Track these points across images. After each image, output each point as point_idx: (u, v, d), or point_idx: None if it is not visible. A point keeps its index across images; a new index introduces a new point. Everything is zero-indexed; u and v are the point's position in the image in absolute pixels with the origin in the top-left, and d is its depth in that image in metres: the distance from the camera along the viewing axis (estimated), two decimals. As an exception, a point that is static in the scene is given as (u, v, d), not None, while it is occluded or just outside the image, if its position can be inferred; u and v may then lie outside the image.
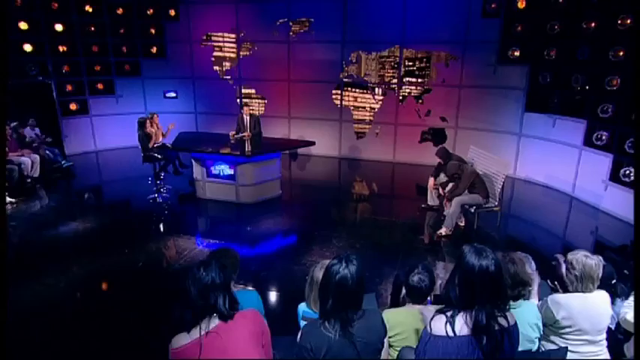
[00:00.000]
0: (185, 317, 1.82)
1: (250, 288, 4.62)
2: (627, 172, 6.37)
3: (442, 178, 6.66)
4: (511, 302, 2.24)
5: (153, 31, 10.46)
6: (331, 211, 7.14)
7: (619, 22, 6.36)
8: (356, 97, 10.17)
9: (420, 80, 9.56)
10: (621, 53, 6.37)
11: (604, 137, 6.77)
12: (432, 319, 1.81)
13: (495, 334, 1.69)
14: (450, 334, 1.73)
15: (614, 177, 6.60)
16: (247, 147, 7.32)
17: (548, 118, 7.85)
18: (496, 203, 6.12)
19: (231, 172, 6.94)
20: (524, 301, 2.29)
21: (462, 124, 9.09)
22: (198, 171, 7.13)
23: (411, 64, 9.78)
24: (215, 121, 10.44)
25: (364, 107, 10.13)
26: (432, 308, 2.26)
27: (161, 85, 10.79)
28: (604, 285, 2.47)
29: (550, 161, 7.90)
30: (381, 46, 9.46)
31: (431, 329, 1.78)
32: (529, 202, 7.53)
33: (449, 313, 1.77)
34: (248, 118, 8.09)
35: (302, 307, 2.46)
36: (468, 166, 6.19)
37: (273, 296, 4.63)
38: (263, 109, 10.66)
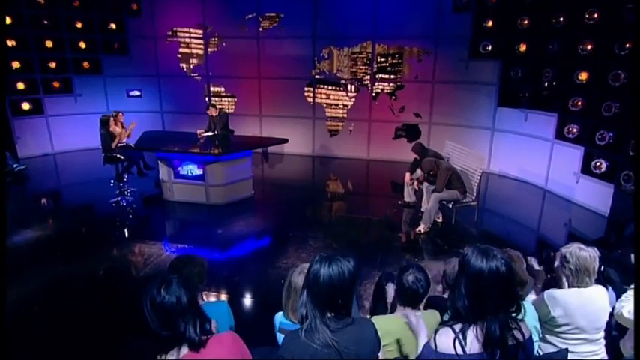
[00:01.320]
0: (146, 352, 1.50)
1: (223, 297, 4.34)
2: (598, 164, 6.44)
3: (418, 173, 6.58)
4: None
5: (114, 25, 9.90)
6: (306, 210, 6.93)
7: (587, 15, 6.42)
8: (328, 94, 9.99)
9: (392, 76, 9.47)
10: (589, 47, 6.43)
11: (575, 130, 6.84)
12: (436, 332, 1.59)
13: (509, 349, 1.48)
14: (460, 352, 1.51)
15: (586, 169, 6.68)
16: (216, 146, 7.00)
17: (520, 113, 7.90)
18: (473, 198, 6.08)
19: (200, 172, 6.61)
20: (521, 302, 2.12)
21: (436, 120, 9.06)
22: (164, 172, 6.74)
23: (383, 60, 9.67)
24: (182, 120, 10.00)
25: (337, 104, 9.96)
26: (419, 312, 2.07)
27: (124, 83, 10.25)
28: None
29: (523, 155, 7.95)
30: (353, 41, 9.31)
31: (436, 345, 1.56)
32: (503, 197, 7.55)
33: (457, 327, 1.54)
34: (216, 117, 7.77)
35: (279, 317, 2.21)
36: (443, 162, 6.10)
37: (247, 303, 4.36)
38: (233, 107, 10.31)
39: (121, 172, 7.06)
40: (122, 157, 6.94)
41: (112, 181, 7.15)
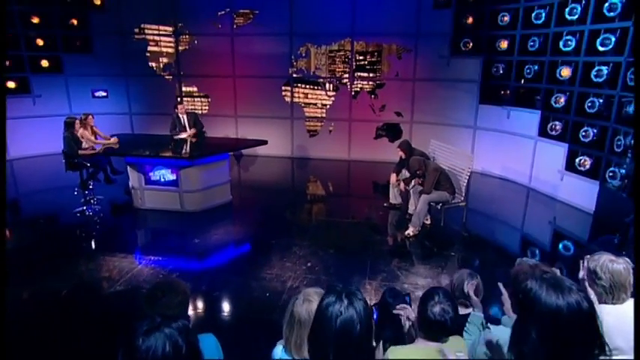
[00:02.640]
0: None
1: (202, 313, 3.96)
2: (582, 160, 6.41)
3: (404, 173, 6.38)
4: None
5: (75, 21, 9.23)
6: (288, 215, 6.62)
7: (568, 11, 6.37)
8: (306, 94, 9.69)
9: (372, 75, 9.27)
10: (571, 43, 6.38)
11: (558, 127, 6.79)
12: None
13: None
14: None
15: (570, 166, 6.64)
16: (190, 148, 6.58)
17: (502, 110, 7.84)
18: (462, 199, 5.91)
19: (173, 177, 6.18)
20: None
21: (418, 119, 8.92)
22: (134, 178, 6.26)
23: (362, 57, 9.46)
24: (153, 122, 9.45)
25: (316, 104, 9.67)
26: (453, 347, 1.77)
27: (88, 83, 9.60)
28: None
29: (506, 153, 7.89)
30: (332, 38, 9.04)
31: None
32: (488, 196, 7.45)
33: None
34: (185, 116, 7.34)
35: (278, 352, 1.86)
36: (431, 162, 5.91)
37: (229, 323, 3.98)
38: (207, 107, 9.85)
39: (85, 179, 6.51)
40: (86, 163, 6.39)
41: (77, 189, 6.58)
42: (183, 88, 9.87)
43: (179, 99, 9.61)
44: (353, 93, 9.21)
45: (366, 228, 6.00)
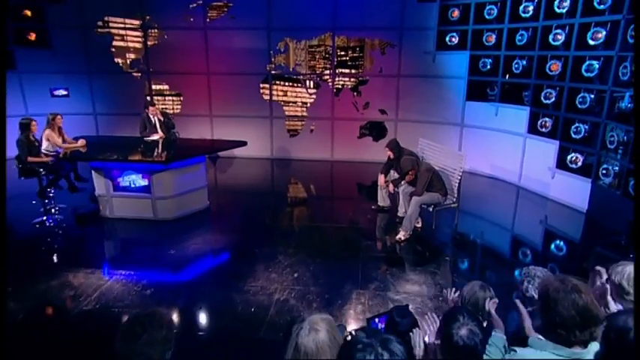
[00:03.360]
0: None
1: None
2: (574, 158, 6.44)
3: (393, 174, 6.26)
4: (580, 349, 1.67)
5: (28, 12, 8.69)
6: (271, 221, 6.42)
7: (557, 4, 6.39)
8: (286, 91, 9.47)
9: (354, 71, 9.14)
10: (560, 37, 6.41)
11: (548, 124, 6.82)
12: None
13: None
14: None
15: (561, 164, 6.67)
16: (163, 151, 6.27)
17: (490, 107, 7.84)
18: (454, 200, 5.83)
19: (145, 182, 5.86)
20: (593, 343, 1.72)
21: (403, 117, 8.84)
22: (101, 184, 5.91)
23: (343, 53, 9.32)
24: (121, 123, 9.03)
25: (296, 102, 9.47)
26: None
27: (47, 80, 9.07)
28: None
29: (494, 151, 7.89)
30: (312, 32, 8.87)
31: None
32: (477, 196, 7.40)
33: None
34: (156, 118, 7.02)
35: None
36: (423, 162, 5.81)
37: (212, 342, 3.73)
38: (179, 107, 9.49)
39: (45, 186, 6.09)
40: (41, 170, 5.96)
41: (36, 198, 6.15)
42: (153, 86, 9.47)
43: (149, 98, 9.21)
44: (335, 90, 9.05)
45: (354, 233, 5.85)
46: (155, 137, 6.92)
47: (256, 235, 5.73)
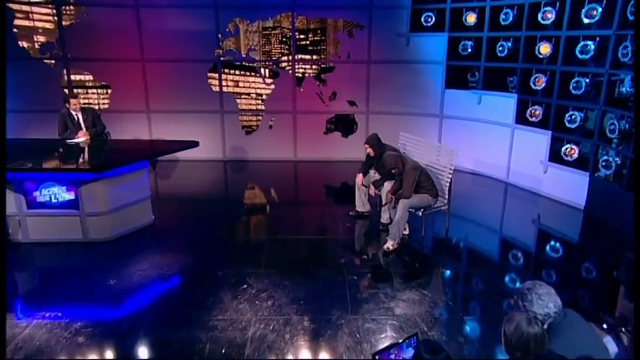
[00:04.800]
0: None
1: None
2: (569, 149, 6.47)
3: (373, 174, 6.01)
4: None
5: None
6: (232, 236, 5.97)
7: (545, -21, 6.40)
8: (237, 81, 8.99)
9: (315, 57, 8.83)
10: (550, 15, 6.41)
11: (538, 112, 6.82)
12: None
13: None
14: None
15: (555, 157, 6.69)
16: (93, 156, 5.64)
17: (472, 95, 7.80)
18: (445, 202, 5.64)
19: (70, 196, 5.21)
20: None
21: (374, 108, 8.67)
22: (10, 200, 5.16)
23: (302, 36, 9.00)
24: (33, 123, 8.11)
25: (250, 93, 9.02)
26: None
27: None
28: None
29: (478, 145, 7.84)
30: (267, 12, 8.52)
31: None
32: (464, 195, 7.25)
33: None
34: (80, 114, 6.33)
35: None
36: (408, 159, 5.56)
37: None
38: (107, 101, 8.72)
39: None
40: None
41: None
42: (72, 77, 8.64)
43: (67, 91, 8.35)
44: (296, 79, 8.68)
45: (333, 245, 5.51)
46: (80, 139, 6.20)
47: (217, 253, 5.25)
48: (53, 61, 8.47)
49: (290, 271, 4.77)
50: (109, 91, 8.74)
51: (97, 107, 8.41)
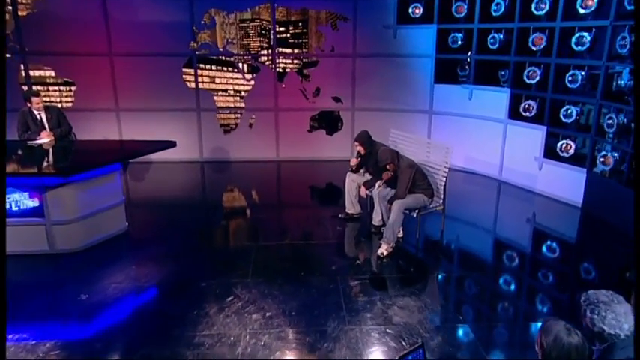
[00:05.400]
0: None
1: None
2: (565, 145, 6.50)
3: (364, 174, 5.98)
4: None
5: None
6: (215, 243, 5.81)
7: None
8: (213, 77, 8.80)
9: (297, 51, 8.71)
10: (544, 6, 6.43)
11: (532, 107, 6.84)
12: None
13: None
14: None
15: (550, 153, 6.72)
16: (59, 159, 5.41)
17: (462, 90, 7.81)
18: (440, 202, 5.60)
19: (34, 203, 4.97)
20: None
21: (360, 105, 8.61)
22: (-34, 209, 4.87)
23: (283, 29, 8.86)
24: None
25: (227, 90, 8.84)
26: None
27: None
28: None
29: (469, 142, 7.84)
30: (245, 3, 8.42)
31: None
32: (456, 195, 7.26)
33: None
34: (43, 114, 6.06)
35: None
36: (403, 157, 5.48)
37: None
38: (71, 99, 8.43)
39: None
40: None
41: None
42: (31, 72, 8.29)
43: (28, 88, 8.02)
44: (277, 74, 8.54)
45: (324, 250, 5.40)
46: (44, 140, 5.92)
47: (199, 262, 5.08)
48: (9, 55, 8.10)
49: (279, 280, 4.63)
50: (73, 88, 8.43)
51: (59, 104, 8.10)
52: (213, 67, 8.58)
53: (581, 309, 2.20)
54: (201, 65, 8.42)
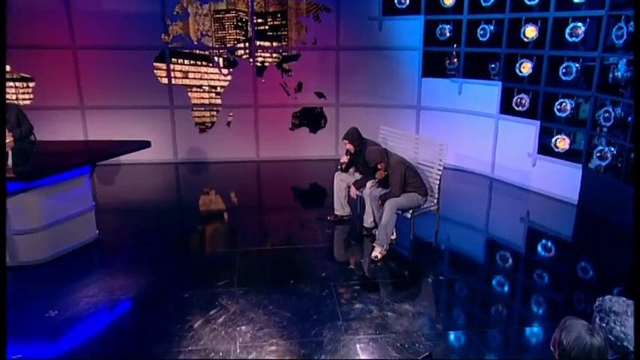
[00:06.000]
0: None
1: None
2: (559, 140, 6.55)
3: (354, 174, 5.90)
4: None
5: None
6: (196, 250, 5.70)
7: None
8: (187, 72, 8.62)
9: (275, 43, 8.59)
10: (536, -5, 6.47)
11: (525, 101, 6.87)
12: None
13: None
14: None
15: (544, 148, 6.77)
16: (20, 162, 5.21)
17: (451, 84, 7.81)
18: (435, 201, 5.56)
19: None
20: None
21: (345, 100, 8.54)
22: None
23: (261, 20, 8.73)
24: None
25: (201, 86, 8.66)
26: None
27: None
28: None
29: (459, 138, 7.82)
30: None
31: None
32: (447, 194, 7.18)
33: None
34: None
35: None
36: (394, 154, 5.43)
37: None
38: (29, 96, 8.15)
39: None
40: None
41: None
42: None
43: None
44: (257, 69, 8.39)
45: (313, 255, 5.31)
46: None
47: (179, 272, 4.90)
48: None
49: (268, 288, 4.50)
50: (31, 84, 8.11)
51: (16, 102, 7.77)
52: (187, 62, 8.38)
53: (593, 313, 2.20)
54: (174, 59, 8.20)
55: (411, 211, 5.31)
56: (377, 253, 5.07)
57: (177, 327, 3.90)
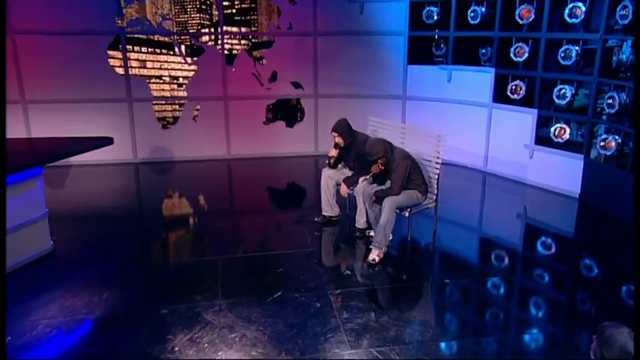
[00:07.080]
0: None
1: None
2: (558, 130, 6.59)
3: (343, 169, 5.81)
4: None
5: None
6: (170, 260, 5.50)
7: None
8: (144, 61, 8.31)
9: (245, 29, 8.38)
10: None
11: (521, 89, 6.90)
12: None
13: None
14: None
15: (542, 139, 6.81)
16: None
17: (440, 71, 7.83)
18: (433, 199, 5.51)
19: None
20: None
21: (324, 91, 8.50)
22: None
23: (227, 3, 8.52)
24: None
25: (160, 76, 8.37)
26: None
27: None
28: None
29: (450, 130, 7.72)
30: None
31: None
32: (440, 190, 7.27)
33: None
34: None
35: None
36: (397, 148, 5.33)
37: None
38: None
39: None
40: None
41: None
42: None
43: None
44: (226, 57, 8.21)
45: (303, 261, 5.13)
46: None
47: (152, 284, 4.67)
48: None
49: (258, 299, 4.32)
50: (-36, 75, 7.63)
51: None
52: (147, 49, 8.08)
53: (595, 334, 2.17)
54: (133, 47, 7.88)
55: (409, 210, 5.23)
56: (375, 255, 4.97)
57: (156, 348, 3.65)
